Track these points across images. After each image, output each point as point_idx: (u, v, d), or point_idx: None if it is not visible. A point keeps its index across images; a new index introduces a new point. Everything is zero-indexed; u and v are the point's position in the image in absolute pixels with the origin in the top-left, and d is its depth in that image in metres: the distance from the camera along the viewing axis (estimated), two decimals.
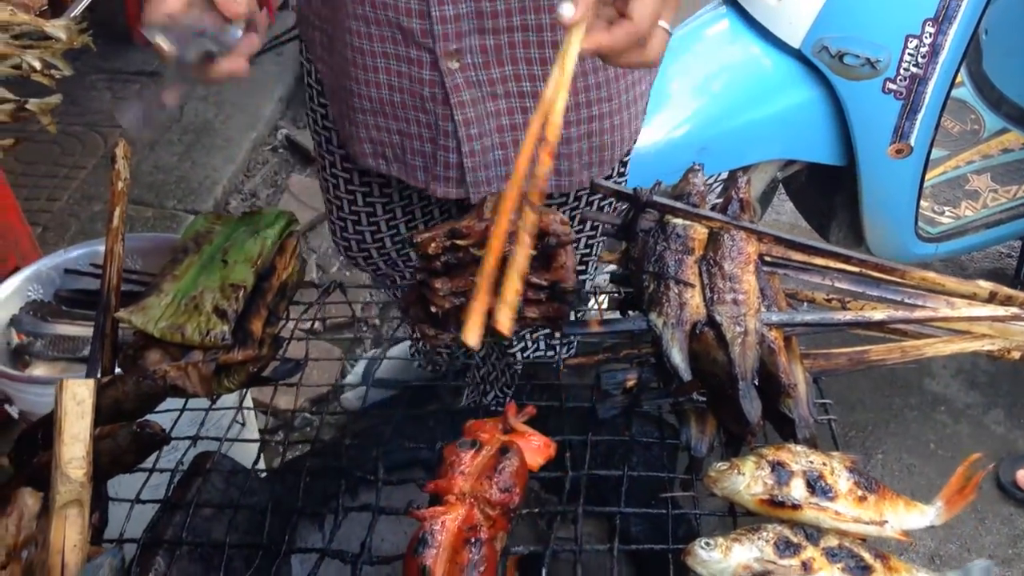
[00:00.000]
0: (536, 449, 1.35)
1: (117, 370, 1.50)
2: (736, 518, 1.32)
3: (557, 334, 2.33)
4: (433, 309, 1.50)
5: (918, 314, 1.47)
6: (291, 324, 1.71)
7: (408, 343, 2.87)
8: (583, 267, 1.99)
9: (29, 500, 1.18)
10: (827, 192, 2.93)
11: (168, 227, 3.71)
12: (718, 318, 1.37)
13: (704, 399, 1.42)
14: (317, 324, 3.30)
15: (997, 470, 2.81)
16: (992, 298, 1.52)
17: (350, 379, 3.05)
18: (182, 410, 1.54)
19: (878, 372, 3.17)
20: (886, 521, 1.27)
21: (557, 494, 1.39)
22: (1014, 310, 1.48)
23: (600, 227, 1.93)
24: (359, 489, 1.58)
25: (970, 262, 3.67)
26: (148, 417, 1.41)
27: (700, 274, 1.44)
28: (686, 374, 1.34)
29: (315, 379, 2.81)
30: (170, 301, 1.51)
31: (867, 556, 1.20)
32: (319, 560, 1.28)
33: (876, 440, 2.95)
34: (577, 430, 1.46)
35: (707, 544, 1.20)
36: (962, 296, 1.53)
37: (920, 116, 2.54)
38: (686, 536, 1.36)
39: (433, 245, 1.45)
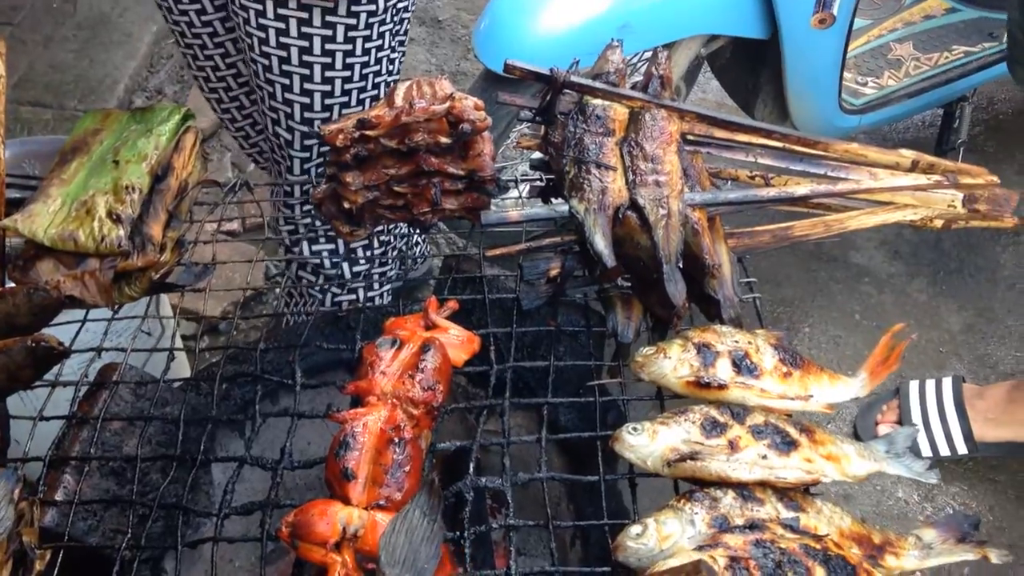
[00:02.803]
0: (460, 344, 1.30)
1: (9, 283, 1.41)
2: (664, 402, 1.31)
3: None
4: (346, 205, 1.43)
5: (841, 187, 1.44)
6: (197, 227, 1.62)
7: None
8: None
9: None
10: (752, 68, 2.87)
11: (68, 130, 3.49)
12: (641, 201, 1.32)
13: (629, 284, 1.38)
14: (236, 225, 3.20)
15: (854, 423, 2.61)
16: (914, 167, 1.51)
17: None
18: (83, 321, 1.46)
19: (803, 248, 3.19)
20: (811, 396, 1.27)
21: (484, 388, 1.35)
22: (936, 178, 1.46)
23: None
24: (279, 394, 1.54)
25: (892, 132, 3.67)
26: (45, 330, 1.34)
27: (621, 156, 1.39)
28: (610, 260, 1.30)
29: (237, 282, 2.71)
30: (59, 207, 1.41)
31: (792, 431, 1.20)
32: (238, 468, 1.23)
33: (803, 314, 2.98)
34: (502, 322, 1.42)
35: (634, 429, 1.18)
36: (885, 166, 1.51)
37: None
38: (615, 423, 1.34)
39: (341, 137, 1.37)
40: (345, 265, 2.17)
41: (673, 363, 1.25)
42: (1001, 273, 3.11)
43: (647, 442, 1.17)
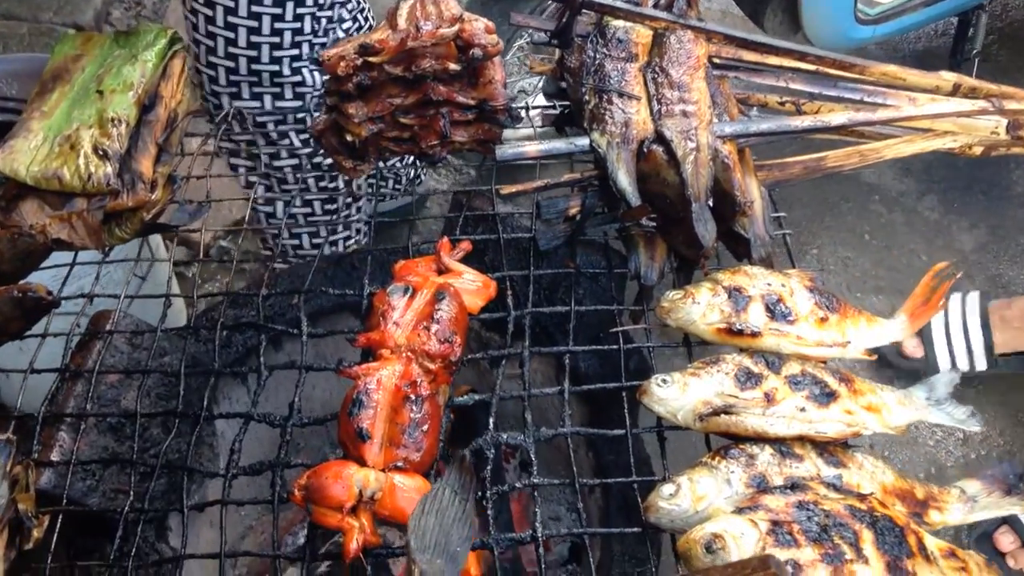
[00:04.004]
0: (475, 290, 1.22)
1: None
2: (691, 349, 1.24)
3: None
4: (349, 138, 1.33)
5: (880, 114, 1.35)
6: (188, 160, 1.52)
7: None
8: None
9: None
10: None
11: (46, 45, 3.34)
12: (667, 133, 1.23)
13: (653, 223, 1.30)
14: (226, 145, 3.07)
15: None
16: (956, 90, 1.41)
17: None
18: (71, 265, 1.37)
19: None
20: (849, 342, 1.20)
21: (500, 332, 1.28)
22: (981, 104, 1.37)
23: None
24: (283, 339, 1.46)
25: (903, 42, 3.54)
26: (31, 278, 1.26)
27: (645, 84, 1.29)
28: (634, 198, 1.22)
29: (226, 206, 2.60)
30: (41, 142, 1.31)
31: (831, 381, 1.13)
32: (244, 424, 1.16)
33: (811, 235, 2.90)
34: (517, 263, 1.34)
35: (663, 381, 1.12)
36: (924, 90, 1.41)
37: None
38: (637, 368, 1.28)
39: (343, 64, 1.26)
40: (317, 204, 2.04)
41: (702, 308, 1.18)
42: (1015, 190, 3.02)
43: (677, 395, 1.11)
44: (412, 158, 2.37)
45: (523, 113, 1.48)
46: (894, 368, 2.46)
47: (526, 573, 1.51)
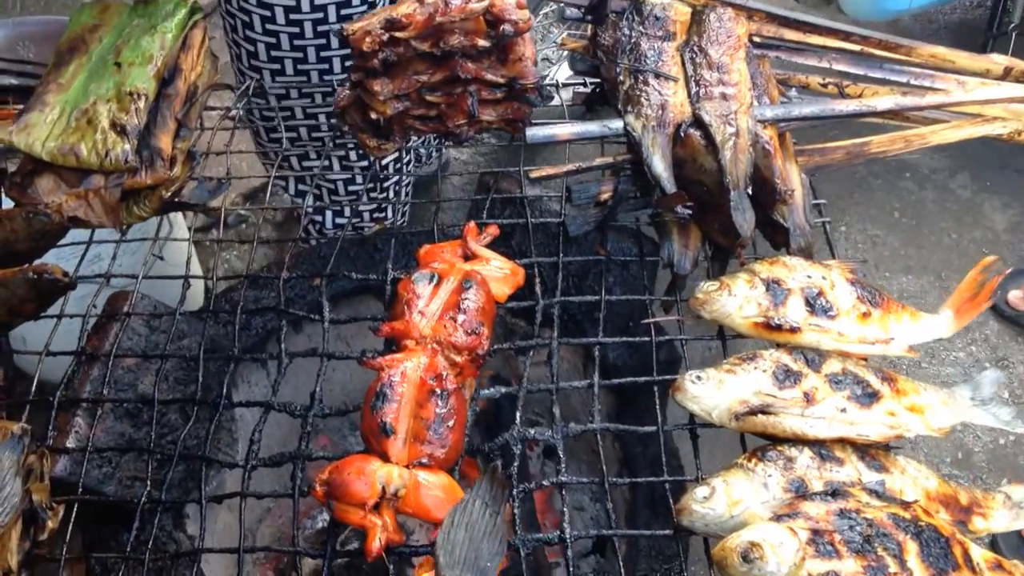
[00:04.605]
0: (502, 278, 1.18)
1: (7, 203, 1.27)
2: (726, 342, 1.19)
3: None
4: (373, 116, 1.28)
5: (928, 99, 1.29)
6: (208, 135, 1.47)
7: None
8: None
9: None
10: None
11: (64, 5, 3.30)
12: (706, 117, 1.18)
13: (689, 210, 1.25)
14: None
15: (1000, 302, 2.54)
16: (1007, 74, 1.35)
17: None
18: (88, 243, 1.33)
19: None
20: (892, 339, 1.15)
21: (526, 319, 1.24)
22: None
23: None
24: (302, 322, 1.42)
25: (938, 14, 3.45)
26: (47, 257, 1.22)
27: (683, 64, 1.23)
28: (670, 184, 1.17)
29: (244, 171, 2.55)
30: (57, 116, 1.27)
31: (873, 380, 1.09)
32: (264, 414, 1.13)
33: (839, 212, 2.84)
34: (545, 248, 1.29)
35: (698, 378, 1.07)
36: (974, 74, 1.35)
37: None
38: (668, 361, 1.24)
39: (368, 39, 1.21)
40: (340, 183, 1.97)
41: (739, 301, 1.13)
42: None
43: (712, 392, 1.06)
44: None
45: (554, 91, 1.43)
46: (996, 312, 2.53)
47: (548, 562, 1.49)
